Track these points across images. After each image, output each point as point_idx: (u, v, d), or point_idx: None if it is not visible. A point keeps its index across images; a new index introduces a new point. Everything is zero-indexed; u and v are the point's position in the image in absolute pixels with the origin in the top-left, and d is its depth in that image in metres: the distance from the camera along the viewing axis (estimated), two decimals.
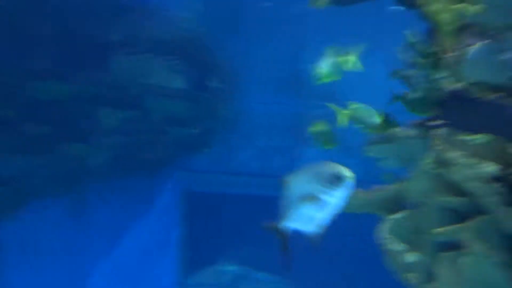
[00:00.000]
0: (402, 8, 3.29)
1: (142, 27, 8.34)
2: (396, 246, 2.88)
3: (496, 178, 2.58)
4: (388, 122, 3.33)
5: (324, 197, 2.45)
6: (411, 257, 2.86)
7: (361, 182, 3.26)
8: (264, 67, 10.37)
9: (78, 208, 8.34)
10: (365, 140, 3.42)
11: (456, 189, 2.70)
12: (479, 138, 2.62)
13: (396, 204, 3.05)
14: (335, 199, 2.46)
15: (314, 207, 2.47)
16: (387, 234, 2.94)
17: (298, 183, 2.52)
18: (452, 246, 2.70)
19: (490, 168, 2.57)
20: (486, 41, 2.57)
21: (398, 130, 3.24)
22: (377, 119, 3.33)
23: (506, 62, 2.49)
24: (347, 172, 2.46)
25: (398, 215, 3.00)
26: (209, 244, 9.97)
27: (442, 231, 2.68)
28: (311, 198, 2.46)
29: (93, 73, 7.79)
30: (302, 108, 9.86)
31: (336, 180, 2.45)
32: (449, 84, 2.66)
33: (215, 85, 9.42)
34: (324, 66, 4.19)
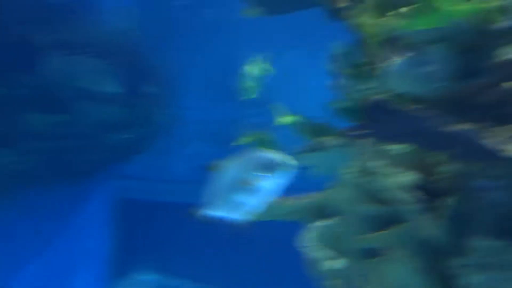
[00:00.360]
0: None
1: (75, 29, 8.17)
2: (319, 253, 2.93)
3: (416, 187, 2.67)
4: (322, 129, 3.38)
5: (260, 183, 2.37)
6: (334, 264, 2.91)
7: (299, 189, 3.30)
8: (200, 74, 10.35)
9: (4, 214, 8.05)
10: (300, 148, 3.45)
11: (379, 197, 2.77)
12: (400, 147, 2.71)
13: (322, 211, 3.10)
14: (270, 186, 2.39)
15: (248, 193, 2.39)
16: (311, 241, 2.98)
17: (231, 168, 2.43)
18: (375, 252, 2.76)
19: (410, 177, 2.66)
20: (410, 54, 2.66)
21: (327, 139, 3.29)
22: (313, 127, 3.37)
23: (428, 74, 2.57)
24: (285, 159, 2.38)
25: (322, 223, 3.05)
26: (140, 253, 9.82)
27: (365, 238, 2.75)
28: (244, 183, 2.37)
29: (23, 76, 7.56)
30: (238, 116, 9.89)
31: (273, 166, 2.37)
32: (374, 94, 2.73)
33: (150, 90, 9.32)
34: (246, 81, 4.21)
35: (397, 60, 2.64)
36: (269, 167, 2.36)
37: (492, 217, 2.42)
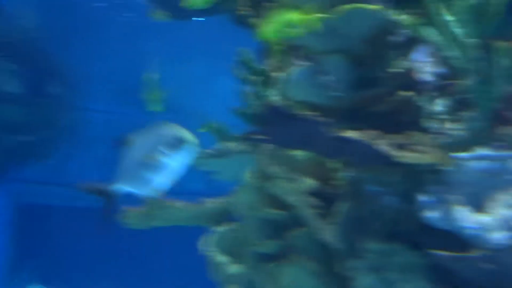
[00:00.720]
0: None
1: None
2: (220, 258, 2.95)
3: (314, 192, 2.76)
4: (229, 135, 3.41)
5: (165, 159, 2.39)
6: (234, 269, 2.94)
7: (204, 194, 3.30)
8: (107, 76, 10.15)
9: None
10: (203, 154, 3.45)
11: (278, 203, 2.83)
12: (299, 154, 2.79)
13: (224, 216, 3.13)
14: (175, 163, 2.42)
15: (153, 169, 2.40)
16: (212, 246, 3.00)
17: (138, 143, 2.44)
18: (273, 257, 2.82)
19: (308, 182, 2.74)
20: (308, 63, 2.74)
21: (230, 144, 3.32)
22: (222, 133, 3.40)
23: (325, 84, 2.67)
24: (190, 137, 2.43)
25: (223, 228, 3.08)
26: (41, 261, 9.44)
27: (263, 243, 2.80)
28: (151, 159, 2.39)
29: None
30: (146, 120, 9.76)
31: (178, 143, 2.40)
32: (274, 101, 2.80)
33: (54, 91, 9.02)
34: (149, 91, 4.21)
35: (296, 69, 2.72)
36: (177, 143, 2.39)
37: (383, 221, 2.54)
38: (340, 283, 2.61)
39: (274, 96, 2.88)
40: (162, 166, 2.35)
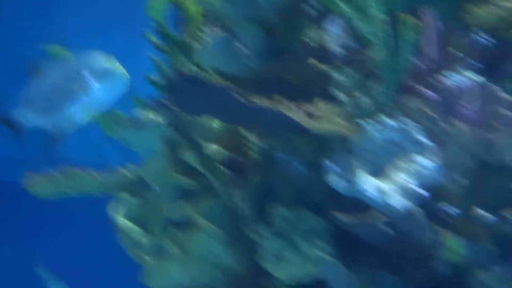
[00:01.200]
0: None
1: None
2: (129, 225, 2.93)
3: (226, 160, 2.78)
4: (142, 105, 3.34)
5: (85, 89, 2.11)
6: (143, 236, 2.93)
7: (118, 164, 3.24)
8: (18, 50, 9.72)
9: None
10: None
11: (190, 171, 2.83)
12: (211, 122, 2.80)
13: (135, 185, 3.10)
14: (98, 95, 2.15)
15: (70, 101, 2.12)
16: (121, 213, 2.97)
17: (54, 69, 2.12)
18: (183, 225, 2.83)
19: (220, 150, 2.76)
20: (223, 33, 2.74)
21: (143, 113, 3.27)
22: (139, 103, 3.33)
23: (238, 53, 2.68)
24: (120, 69, 2.17)
25: (133, 195, 3.05)
26: None
27: (172, 211, 2.80)
28: (69, 88, 2.09)
29: None
30: None
31: (104, 73, 2.12)
32: (187, 69, 2.78)
33: None
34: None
35: (211, 37, 2.72)
36: (102, 73, 2.13)
37: (292, 189, 2.60)
38: (248, 250, 2.66)
39: (187, 65, 2.86)
40: (80, 96, 2.04)
